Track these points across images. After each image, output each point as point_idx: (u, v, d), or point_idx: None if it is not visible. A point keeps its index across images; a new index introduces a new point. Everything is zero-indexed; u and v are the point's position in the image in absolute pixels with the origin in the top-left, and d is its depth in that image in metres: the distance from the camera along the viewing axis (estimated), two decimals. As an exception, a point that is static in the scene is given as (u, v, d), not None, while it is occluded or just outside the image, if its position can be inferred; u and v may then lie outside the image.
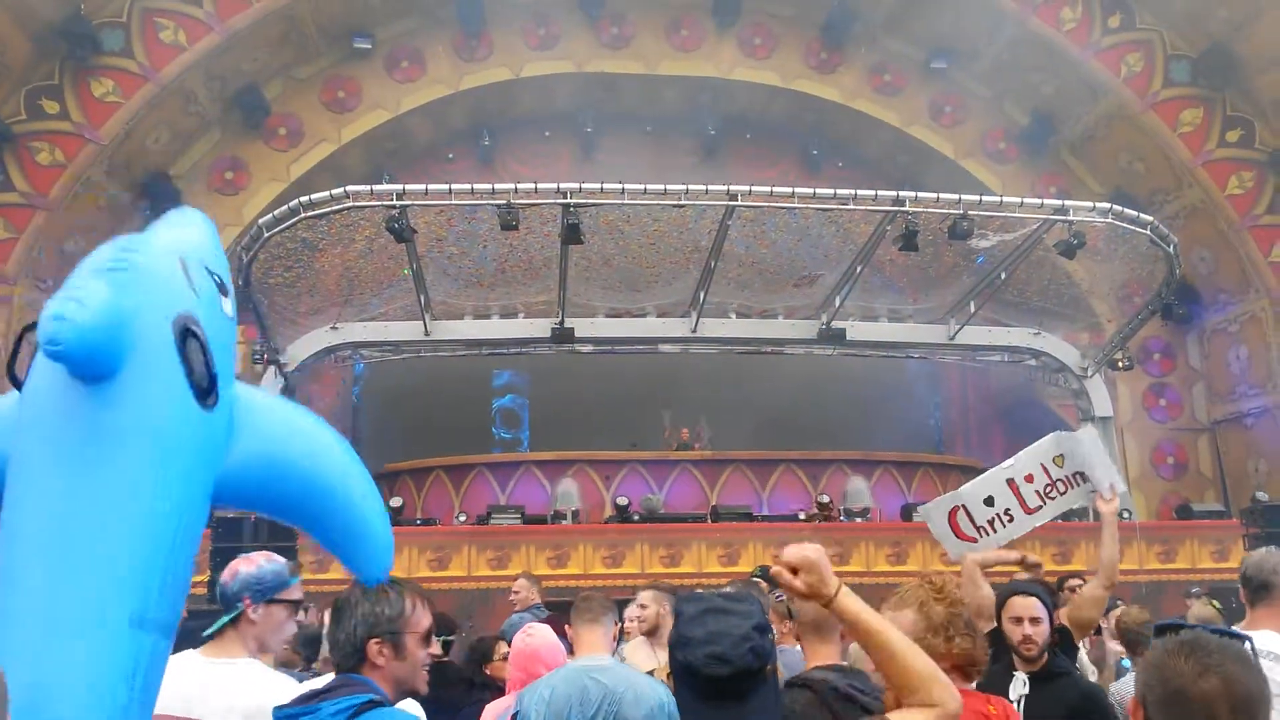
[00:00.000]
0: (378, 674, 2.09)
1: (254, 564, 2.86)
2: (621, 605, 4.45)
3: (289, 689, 2.72)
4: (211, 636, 2.79)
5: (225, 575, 2.84)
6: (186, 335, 1.53)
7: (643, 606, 5.15)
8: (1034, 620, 3.35)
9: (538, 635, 3.56)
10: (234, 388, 1.67)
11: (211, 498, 1.62)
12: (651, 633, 5.16)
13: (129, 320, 1.46)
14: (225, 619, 2.78)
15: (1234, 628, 3.39)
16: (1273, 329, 14.31)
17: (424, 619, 2.17)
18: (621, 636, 4.68)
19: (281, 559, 2.91)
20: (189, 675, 2.63)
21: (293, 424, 1.76)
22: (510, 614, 6.59)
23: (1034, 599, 3.42)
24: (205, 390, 1.54)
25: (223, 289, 1.69)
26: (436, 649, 2.16)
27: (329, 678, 2.88)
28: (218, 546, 8.90)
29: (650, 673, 3.80)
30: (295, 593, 2.89)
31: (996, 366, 14.69)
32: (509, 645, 4.03)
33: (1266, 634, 3.20)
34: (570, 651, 3.55)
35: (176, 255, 1.62)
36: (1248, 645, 1.57)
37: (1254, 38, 13.48)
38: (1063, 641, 3.75)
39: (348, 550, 1.77)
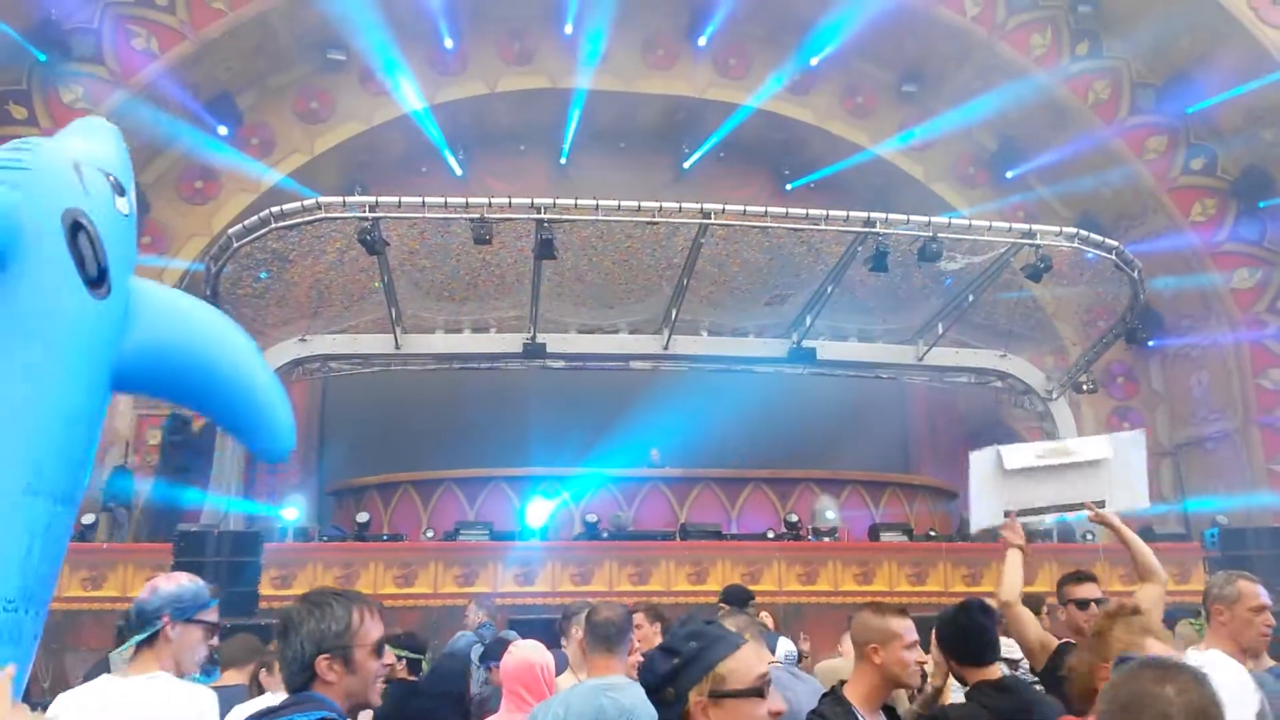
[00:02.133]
0: (330, 690, 2.06)
1: (176, 582, 2.84)
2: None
3: (202, 699, 2.71)
4: (126, 653, 2.76)
5: (144, 592, 2.81)
6: (76, 229, 1.61)
7: (637, 626, 5.14)
8: None
9: (524, 647, 3.53)
10: (130, 280, 1.74)
11: (112, 383, 1.70)
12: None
13: (19, 214, 1.55)
14: (142, 635, 2.75)
15: (1191, 649, 3.45)
16: (1233, 354, 14.57)
17: (372, 630, 2.13)
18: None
19: (201, 580, 2.89)
20: (101, 695, 2.62)
21: (189, 312, 1.83)
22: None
23: None
24: (96, 280, 1.62)
25: (118, 189, 1.76)
26: (390, 659, 2.13)
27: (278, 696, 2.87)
28: (180, 561, 8.79)
29: None
30: (213, 614, 2.87)
31: (963, 388, 14.83)
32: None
33: (1212, 654, 3.27)
34: (557, 666, 3.50)
35: (70, 157, 1.71)
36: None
37: (1217, 66, 13.76)
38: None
39: (249, 430, 1.86)
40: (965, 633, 3.26)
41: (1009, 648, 4.35)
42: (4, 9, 11.92)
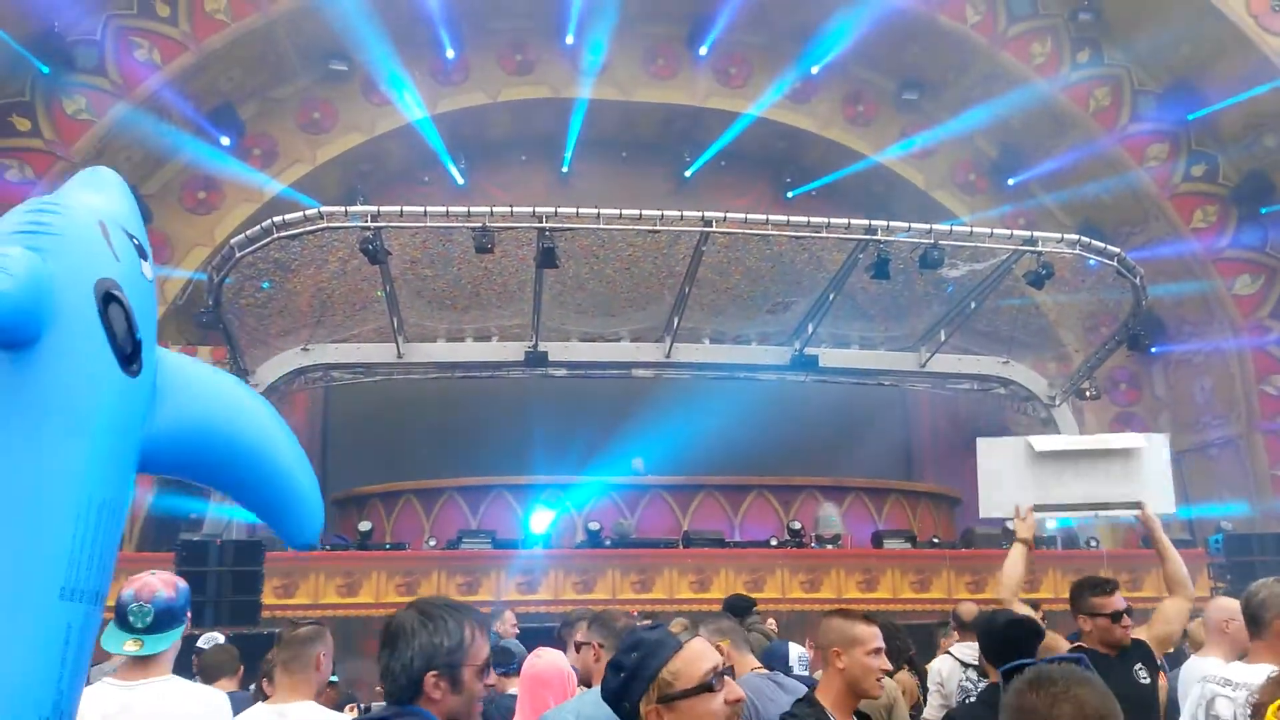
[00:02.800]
0: (434, 707, 1.99)
1: (184, 581, 2.85)
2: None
3: (223, 701, 2.70)
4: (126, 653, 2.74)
5: (164, 589, 2.77)
6: (109, 300, 1.50)
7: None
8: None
9: (545, 658, 3.51)
10: (156, 353, 1.64)
11: (137, 465, 1.60)
12: None
13: (51, 285, 1.43)
14: (172, 637, 2.75)
15: (1236, 663, 3.38)
16: (1236, 360, 14.56)
17: (483, 649, 2.07)
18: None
19: None
20: (129, 701, 2.60)
21: (217, 389, 1.73)
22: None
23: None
24: (129, 356, 1.51)
25: (142, 252, 1.66)
26: (493, 680, 2.09)
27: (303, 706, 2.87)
28: (182, 570, 8.77)
29: None
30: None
31: (966, 394, 14.82)
32: None
33: (1266, 668, 3.18)
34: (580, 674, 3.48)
35: (96, 218, 1.60)
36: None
37: (1218, 73, 13.79)
38: (1146, 659, 3.66)
39: (276, 515, 1.75)
40: (1006, 640, 3.38)
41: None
42: (7, 21, 11.97)
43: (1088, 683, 1.61)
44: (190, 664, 4.86)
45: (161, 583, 2.79)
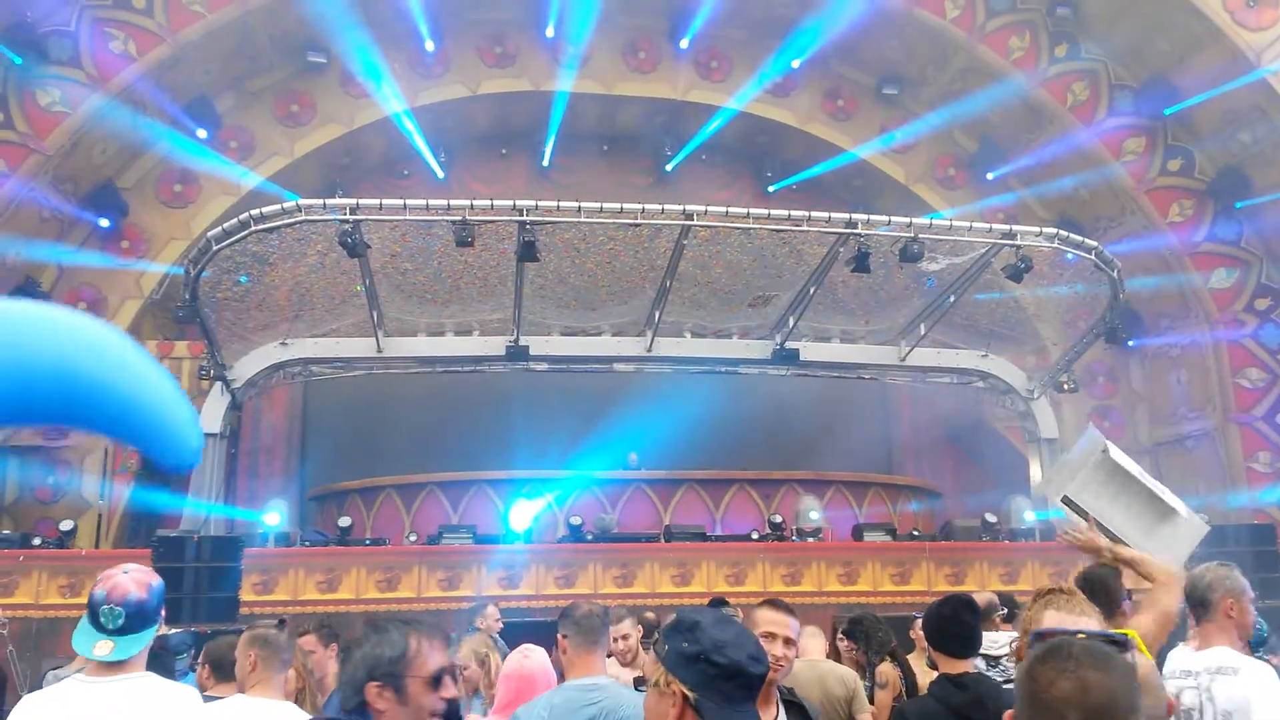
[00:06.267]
0: (379, 717, 2.03)
1: (157, 579, 2.80)
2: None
3: (194, 697, 2.68)
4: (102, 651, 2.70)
5: (136, 590, 2.70)
6: None
7: (625, 636, 5.10)
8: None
9: (534, 658, 3.49)
10: None
11: None
12: (632, 662, 5.12)
13: None
14: (147, 636, 2.72)
15: (1183, 646, 3.43)
16: (1212, 353, 14.70)
17: (430, 661, 2.07)
18: None
19: None
20: (100, 699, 2.57)
21: (43, 324, 1.59)
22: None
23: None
24: None
25: None
26: (453, 692, 2.10)
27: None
28: (159, 567, 8.69)
29: (638, 686, 3.75)
30: None
31: (946, 388, 14.89)
32: None
33: (1220, 650, 3.25)
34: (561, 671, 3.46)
35: None
36: (1131, 654, 1.56)
37: (1194, 68, 13.90)
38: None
39: (147, 437, 1.64)
40: (943, 625, 3.39)
41: (990, 644, 4.39)
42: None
43: (1105, 666, 1.43)
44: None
45: (134, 583, 2.72)
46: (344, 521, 11.40)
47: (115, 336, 1.64)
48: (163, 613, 2.80)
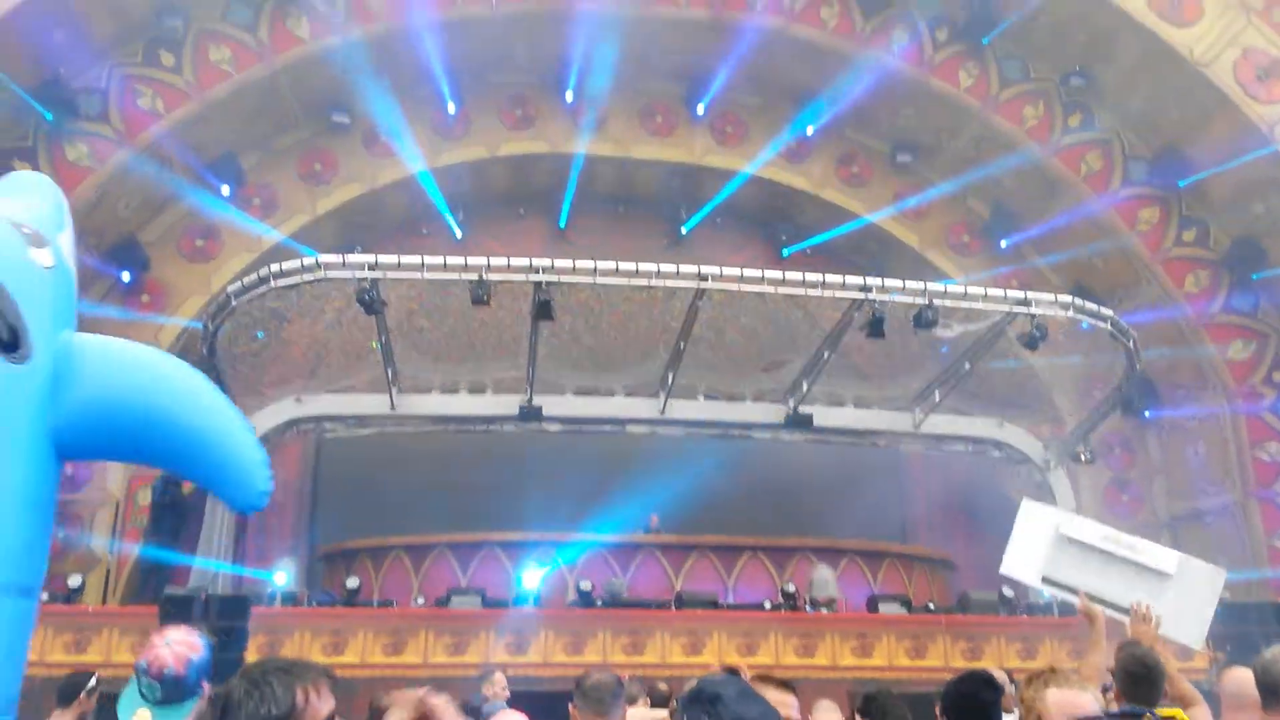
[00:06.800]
0: None
1: (199, 649, 2.78)
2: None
3: None
4: None
5: (173, 665, 2.70)
6: None
7: (630, 701, 5.01)
8: None
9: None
10: (63, 336, 1.60)
11: (59, 452, 1.56)
12: None
13: None
14: (188, 707, 2.70)
15: None
16: (1230, 425, 14.55)
17: (321, 710, 1.90)
18: None
19: (195, 630, 2.85)
20: None
21: (133, 362, 1.68)
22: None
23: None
24: (9, 344, 1.48)
25: (35, 240, 1.63)
26: None
27: None
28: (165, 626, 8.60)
29: None
30: None
31: (961, 456, 14.76)
32: None
33: None
34: None
35: None
36: None
37: (1207, 139, 13.98)
38: None
39: (217, 480, 1.68)
40: (962, 702, 3.27)
41: None
42: (14, 68, 12.07)
43: None
44: None
45: (173, 656, 2.71)
46: (352, 582, 11.28)
47: (198, 377, 1.70)
48: (204, 685, 2.77)
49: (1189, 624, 4.04)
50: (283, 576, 12.23)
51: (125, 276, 13.91)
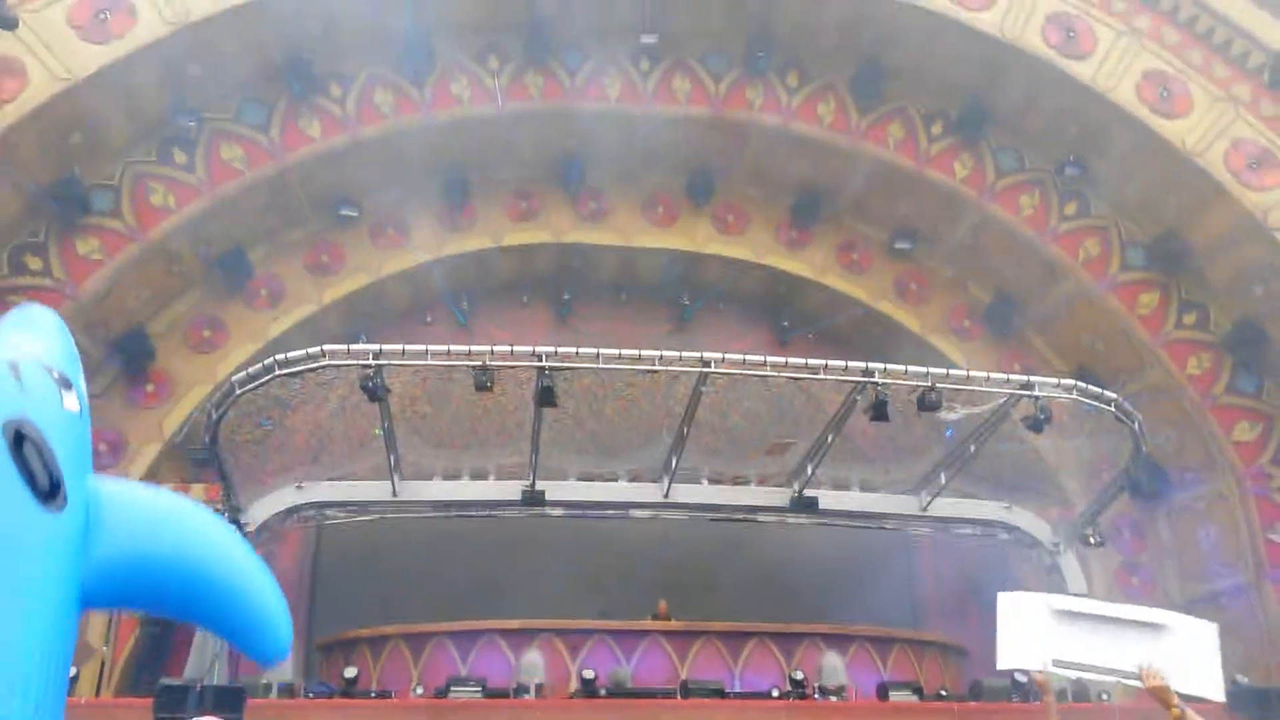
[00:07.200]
0: None
1: None
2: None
3: None
4: None
5: None
6: (20, 440, 1.45)
7: None
8: None
9: None
10: (88, 483, 1.58)
11: (82, 601, 1.52)
12: None
13: None
14: None
15: None
16: (1240, 507, 14.39)
17: None
18: None
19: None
20: None
21: (162, 514, 1.65)
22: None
23: None
24: (49, 493, 1.45)
25: (64, 383, 1.62)
26: None
27: None
28: (160, 717, 8.45)
29: None
30: None
31: (969, 539, 14.57)
32: None
33: None
34: None
35: (3, 358, 1.57)
36: None
37: (1203, 225, 14.17)
38: None
39: (241, 635, 1.66)
40: None
41: None
42: (30, 167, 12.40)
43: None
44: None
45: None
46: (349, 672, 11.06)
47: (223, 527, 1.69)
48: None
49: (1202, 679, 3.98)
50: (279, 667, 11.99)
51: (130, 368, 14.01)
